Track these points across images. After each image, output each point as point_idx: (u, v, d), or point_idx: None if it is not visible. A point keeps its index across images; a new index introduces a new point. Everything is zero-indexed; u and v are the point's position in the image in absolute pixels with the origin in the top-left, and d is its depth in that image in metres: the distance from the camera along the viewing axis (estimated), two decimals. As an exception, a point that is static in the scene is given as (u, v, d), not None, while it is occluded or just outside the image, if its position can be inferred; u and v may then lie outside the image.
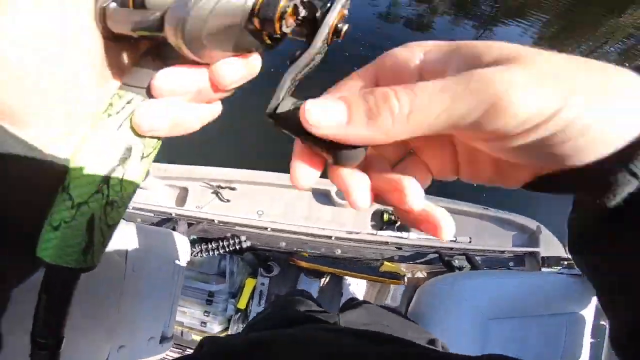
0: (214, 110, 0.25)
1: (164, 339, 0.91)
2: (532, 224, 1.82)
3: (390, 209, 1.96)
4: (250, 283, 1.62)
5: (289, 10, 0.20)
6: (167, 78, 0.21)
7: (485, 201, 1.96)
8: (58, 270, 0.21)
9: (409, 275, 1.61)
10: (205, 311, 1.59)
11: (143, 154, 0.23)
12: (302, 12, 0.20)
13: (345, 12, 0.21)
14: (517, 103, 0.16)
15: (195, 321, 1.57)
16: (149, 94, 0.22)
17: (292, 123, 0.20)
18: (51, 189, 0.21)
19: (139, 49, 0.23)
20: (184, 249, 1.16)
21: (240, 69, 0.22)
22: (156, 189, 2.12)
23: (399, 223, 1.92)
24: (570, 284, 1.25)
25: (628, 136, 0.17)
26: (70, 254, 0.21)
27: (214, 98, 0.23)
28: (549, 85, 0.16)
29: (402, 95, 0.18)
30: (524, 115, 0.16)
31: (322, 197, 2.01)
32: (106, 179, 0.22)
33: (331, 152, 0.21)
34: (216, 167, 2.13)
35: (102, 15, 0.20)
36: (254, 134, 3.47)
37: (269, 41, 0.22)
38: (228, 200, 2.02)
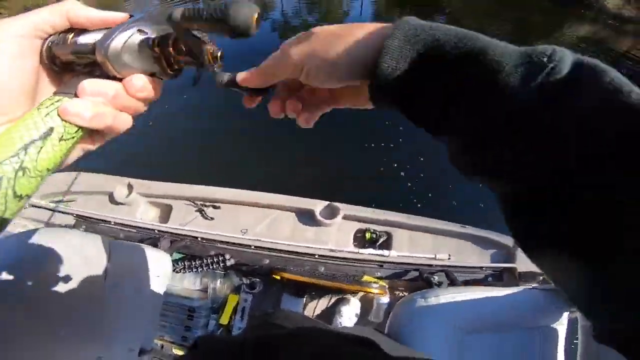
0: (128, 118, 0.32)
1: (142, 352, 0.92)
2: (509, 241, 1.85)
3: (372, 227, 2.01)
4: (232, 299, 1.62)
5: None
6: (90, 81, 0.29)
7: (464, 220, 2.01)
8: None
9: (389, 293, 1.63)
10: (186, 326, 1.58)
11: (63, 135, 0.27)
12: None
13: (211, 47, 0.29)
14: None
15: (176, 335, 1.56)
16: (76, 97, 0.28)
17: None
18: None
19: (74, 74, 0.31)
20: (165, 265, 1.17)
21: (146, 83, 0.30)
22: (139, 205, 2.13)
23: (380, 241, 1.96)
24: (543, 298, 1.29)
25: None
26: None
27: (127, 107, 0.31)
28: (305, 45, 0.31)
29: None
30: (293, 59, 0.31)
31: (306, 216, 2.04)
32: (25, 147, 0.24)
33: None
34: (200, 186, 2.14)
35: (49, 48, 0.29)
36: (237, 153, 3.51)
37: (169, 70, 0.31)
38: (212, 219, 2.03)
